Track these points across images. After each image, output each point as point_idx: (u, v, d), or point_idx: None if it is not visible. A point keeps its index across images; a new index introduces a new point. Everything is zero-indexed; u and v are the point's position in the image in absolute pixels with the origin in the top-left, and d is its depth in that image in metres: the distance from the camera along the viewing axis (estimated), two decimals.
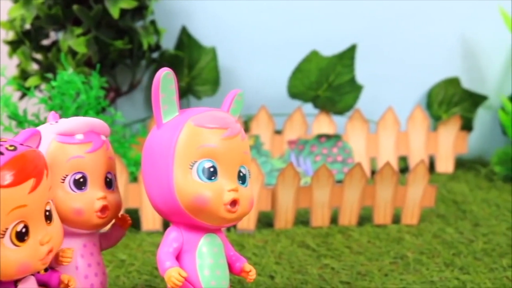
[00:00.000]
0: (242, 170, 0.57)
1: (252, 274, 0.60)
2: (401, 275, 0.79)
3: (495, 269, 0.80)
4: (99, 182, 0.57)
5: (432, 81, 1.28)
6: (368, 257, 0.84)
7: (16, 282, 0.50)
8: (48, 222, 0.50)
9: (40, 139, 0.53)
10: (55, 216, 0.52)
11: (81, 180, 0.56)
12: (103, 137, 0.59)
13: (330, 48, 1.19)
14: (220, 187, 0.55)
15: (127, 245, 0.87)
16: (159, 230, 0.92)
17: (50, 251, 0.50)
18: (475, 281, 0.76)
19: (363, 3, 1.26)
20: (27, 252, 0.48)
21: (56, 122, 0.57)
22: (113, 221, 0.61)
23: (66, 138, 0.56)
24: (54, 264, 0.55)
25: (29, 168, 0.48)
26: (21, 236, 0.48)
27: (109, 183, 0.58)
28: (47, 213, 0.50)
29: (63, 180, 0.55)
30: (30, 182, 0.48)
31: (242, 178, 0.57)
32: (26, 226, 0.48)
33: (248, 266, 0.60)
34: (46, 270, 0.54)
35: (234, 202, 0.55)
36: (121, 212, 0.62)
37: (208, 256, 0.57)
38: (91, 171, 0.57)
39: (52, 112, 0.61)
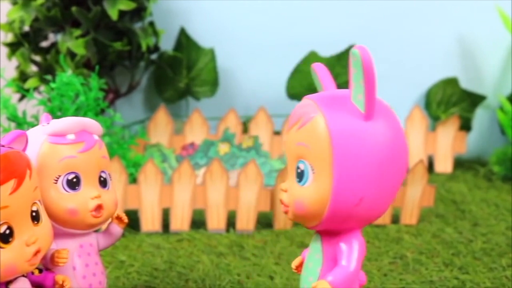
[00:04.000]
0: (300, 165, 0.50)
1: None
2: (401, 275, 0.79)
3: (494, 269, 0.80)
4: (93, 182, 0.57)
5: (430, 81, 1.28)
6: (367, 257, 0.84)
7: (7, 283, 0.50)
8: (36, 222, 0.50)
9: (27, 141, 0.52)
10: (43, 216, 0.51)
11: (74, 180, 0.56)
12: (96, 137, 0.58)
13: (328, 49, 1.19)
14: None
15: (126, 246, 0.87)
16: (158, 231, 0.92)
17: (37, 252, 0.49)
18: (475, 281, 0.77)
19: (361, 4, 1.26)
20: (13, 254, 0.48)
21: (48, 123, 0.57)
22: (110, 220, 0.61)
23: (58, 138, 0.56)
24: (51, 265, 0.55)
25: (9, 169, 0.47)
26: (5, 238, 0.48)
27: (104, 182, 0.58)
28: (34, 214, 0.50)
29: (56, 180, 0.55)
30: (11, 183, 0.47)
31: (299, 175, 0.50)
32: (10, 228, 0.48)
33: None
34: (40, 271, 0.54)
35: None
36: (120, 212, 0.62)
37: (308, 252, 0.55)
38: (84, 170, 0.56)
39: (45, 114, 0.61)
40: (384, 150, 0.48)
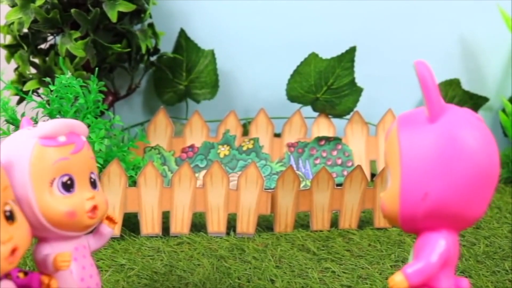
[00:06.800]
0: (387, 172, 0.55)
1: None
2: None
3: (498, 272, 0.80)
4: (85, 183, 0.57)
5: None
6: (369, 260, 0.84)
7: None
8: (11, 222, 0.49)
9: None
10: (18, 216, 0.50)
11: (69, 182, 0.56)
12: (83, 138, 0.58)
13: (329, 50, 1.19)
14: None
15: (126, 250, 0.87)
16: (158, 234, 0.92)
17: (14, 250, 0.49)
18: (477, 284, 0.76)
19: (362, 5, 1.26)
20: None
21: (34, 126, 0.57)
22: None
23: (49, 141, 0.55)
24: (53, 271, 0.55)
25: None
26: None
27: (94, 183, 0.58)
28: (8, 214, 0.49)
29: (51, 183, 0.55)
30: None
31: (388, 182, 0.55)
32: None
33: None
34: (26, 274, 0.54)
35: None
36: (111, 212, 0.62)
37: None
38: (77, 172, 0.56)
39: (25, 117, 0.60)
40: (448, 149, 0.51)
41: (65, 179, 0.55)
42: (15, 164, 0.54)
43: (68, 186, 0.56)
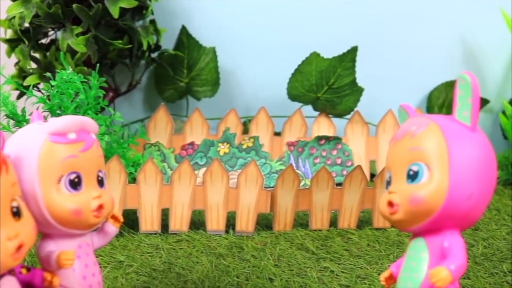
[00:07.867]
0: (414, 167, 0.55)
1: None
2: None
3: (496, 274, 0.80)
4: (93, 181, 0.57)
5: (432, 84, 1.27)
6: (367, 260, 0.84)
7: None
8: (17, 218, 0.49)
9: (4, 141, 0.52)
10: (25, 212, 0.50)
11: (76, 180, 0.55)
12: (93, 135, 0.58)
13: (330, 50, 1.19)
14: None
15: (125, 247, 0.87)
16: (157, 231, 0.92)
17: (20, 246, 0.49)
18: (475, 286, 0.76)
19: (364, 5, 1.26)
20: None
21: (44, 121, 0.57)
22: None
23: (59, 137, 0.55)
24: (56, 268, 0.55)
25: None
26: None
27: (101, 182, 0.58)
28: (14, 210, 0.49)
29: (59, 180, 0.55)
30: None
31: (411, 177, 0.55)
32: None
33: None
34: (28, 270, 0.54)
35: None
36: (115, 211, 0.62)
37: (405, 257, 0.58)
38: (85, 170, 0.56)
39: (35, 111, 0.60)
40: (486, 156, 0.55)
41: (72, 176, 0.55)
42: (23, 159, 0.54)
43: (75, 184, 0.55)
